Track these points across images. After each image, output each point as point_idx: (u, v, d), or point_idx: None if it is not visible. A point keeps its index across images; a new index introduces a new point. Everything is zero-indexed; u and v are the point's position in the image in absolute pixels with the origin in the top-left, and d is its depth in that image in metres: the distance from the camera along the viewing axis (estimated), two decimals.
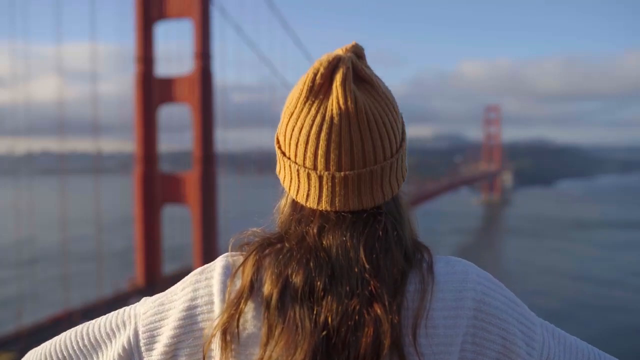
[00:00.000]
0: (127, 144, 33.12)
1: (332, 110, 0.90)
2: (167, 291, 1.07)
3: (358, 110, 0.90)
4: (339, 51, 0.95)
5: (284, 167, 0.98)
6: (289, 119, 0.94)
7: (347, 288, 0.88)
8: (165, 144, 31.95)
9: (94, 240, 31.75)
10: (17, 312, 23.41)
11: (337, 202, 0.93)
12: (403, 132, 1.02)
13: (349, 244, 0.91)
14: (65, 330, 1.14)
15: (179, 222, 31.58)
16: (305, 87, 0.92)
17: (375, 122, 0.92)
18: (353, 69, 0.92)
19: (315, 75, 0.91)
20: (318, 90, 0.92)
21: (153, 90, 29.48)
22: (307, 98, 0.92)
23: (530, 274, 54.15)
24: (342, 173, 0.91)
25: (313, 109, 0.91)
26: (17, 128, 30.79)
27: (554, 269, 55.83)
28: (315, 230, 0.93)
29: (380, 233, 0.93)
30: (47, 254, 41.60)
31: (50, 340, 1.12)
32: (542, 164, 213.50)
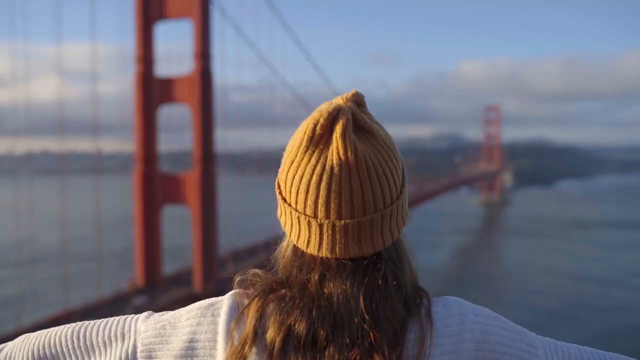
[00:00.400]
0: (127, 144, 33.15)
1: (332, 160, 0.91)
2: (170, 314, 1.07)
3: (358, 160, 0.90)
4: (340, 100, 0.96)
5: (285, 213, 0.99)
6: (290, 167, 0.95)
7: (348, 339, 0.90)
8: (165, 144, 31.98)
9: (94, 240, 31.76)
10: (17, 312, 23.42)
11: (337, 249, 0.94)
12: (403, 178, 1.02)
13: (349, 292, 0.92)
14: None
15: (179, 222, 31.59)
16: (306, 137, 0.92)
17: (375, 170, 0.92)
18: (353, 118, 0.93)
19: (315, 125, 0.92)
20: (318, 140, 0.92)
21: (153, 91, 29.50)
22: (307, 147, 0.93)
23: (530, 274, 54.17)
24: (343, 222, 0.92)
25: (313, 158, 0.92)
26: (17, 128, 30.82)
27: (554, 269, 55.84)
28: (316, 278, 0.95)
29: (380, 282, 0.94)
30: (47, 254, 41.61)
31: (45, 331, 1.12)
32: (542, 164, 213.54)
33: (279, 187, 1.00)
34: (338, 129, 0.90)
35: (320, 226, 0.93)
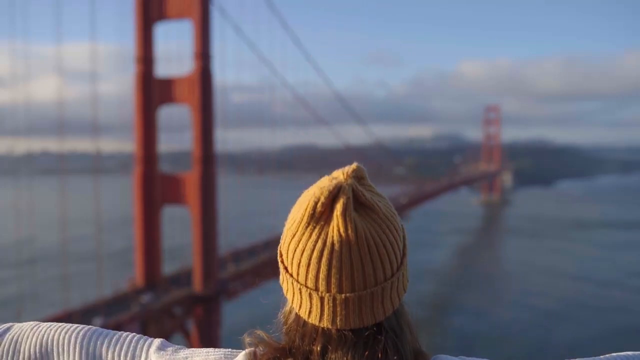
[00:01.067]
0: (127, 144, 33.15)
1: (332, 237, 0.93)
2: (183, 354, 1.10)
3: (358, 237, 0.93)
4: (341, 175, 0.99)
5: (287, 281, 1.01)
6: (291, 240, 0.98)
7: None
8: (165, 144, 31.98)
9: (93, 240, 31.77)
10: (17, 312, 23.43)
11: (338, 321, 0.96)
12: (404, 247, 1.05)
13: None
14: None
15: (179, 222, 31.59)
16: (307, 213, 0.95)
17: (375, 246, 0.95)
18: (353, 195, 0.96)
19: (316, 203, 0.94)
20: (319, 217, 0.95)
21: (153, 91, 29.50)
22: (308, 223, 0.95)
23: (530, 274, 54.16)
24: (343, 295, 0.94)
25: (314, 234, 0.94)
26: (17, 128, 30.81)
27: (554, 269, 55.82)
28: (319, 350, 0.98)
29: (380, 355, 0.96)
30: (47, 254, 41.61)
31: (56, 325, 1.15)
32: (542, 164, 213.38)
33: (281, 255, 1.03)
34: (339, 207, 0.93)
35: (322, 299, 0.95)
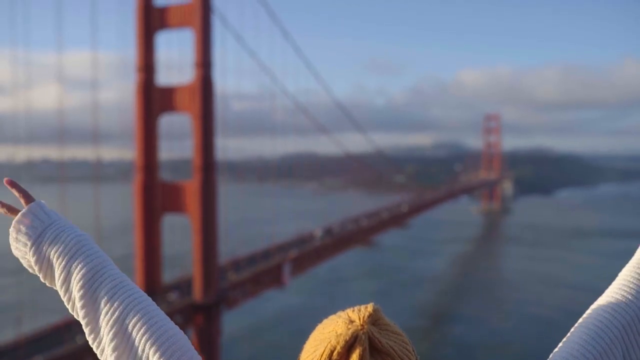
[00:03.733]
0: (128, 152, 33.16)
1: None
2: None
3: None
4: (357, 319, 0.99)
5: None
6: None
7: None
8: (166, 152, 31.96)
9: None
10: (17, 319, 23.34)
11: None
12: None
13: None
14: (66, 340, 1.16)
15: (179, 229, 31.55)
16: None
17: None
18: (370, 343, 0.96)
19: (332, 352, 0.95)
20: None
21: (154, 99, 29.55)
22: None
23: (530, 283, 54.06)
24: None
25: None
26: (18, 136, 30.79)
27: (553, 278, 55.72)
28: None
29: None
30: None
31: (142, 298, 1.28)
32: (542, 173, 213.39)
33: None
34: (355, 357, 0.93)
35: None
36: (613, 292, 1.31)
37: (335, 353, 0.94)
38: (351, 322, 0.98)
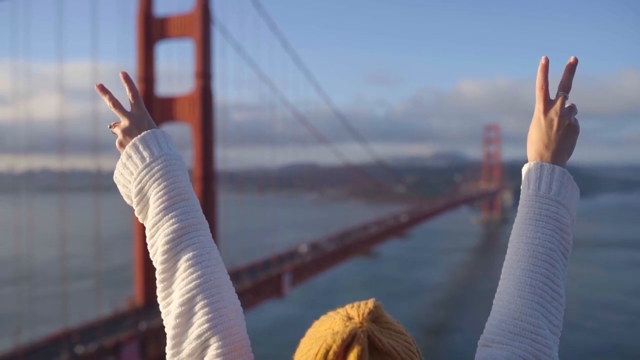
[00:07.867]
0: None
1: None
2: None
3: None
4: (356, 316, 0.93)
5: None
6: None
7: None
8: None
9: (93, 258, 31.63)
10: (16, 329, 23.25)
11: None
12: None
13: None
14: (64, 351, 1.15)
15: None
16: None
17: None
18: (369, 342, 0.90)
19: (327, 351, 0.88)
20: None
21: (154, 109, 29.61)
22: None
23: None
24: None
25: None
26: (18, 145, 30.84)
27: None
28: None
29: None
30: (46, 271, 41.48)
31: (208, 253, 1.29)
32: None
33: None
34: (352, 357, 0.87)
35: None
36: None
37: (331, 352, 0.87)
38: (349, 319, 0.92)
